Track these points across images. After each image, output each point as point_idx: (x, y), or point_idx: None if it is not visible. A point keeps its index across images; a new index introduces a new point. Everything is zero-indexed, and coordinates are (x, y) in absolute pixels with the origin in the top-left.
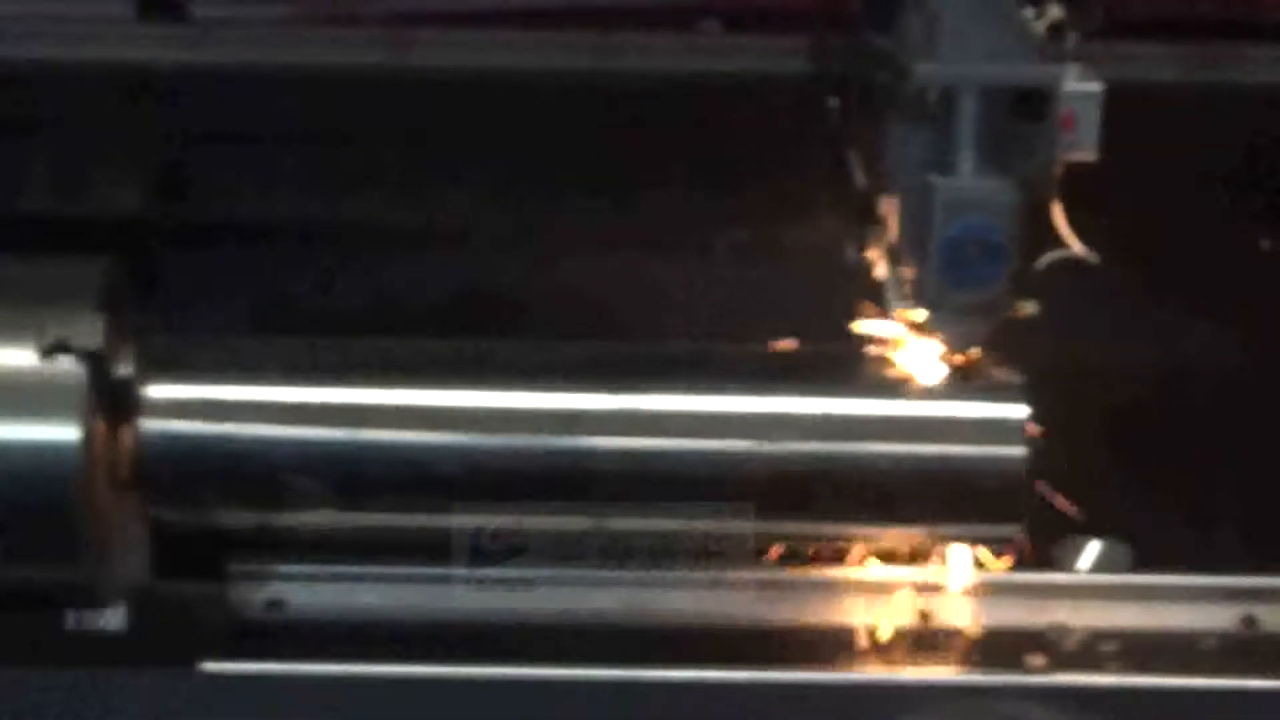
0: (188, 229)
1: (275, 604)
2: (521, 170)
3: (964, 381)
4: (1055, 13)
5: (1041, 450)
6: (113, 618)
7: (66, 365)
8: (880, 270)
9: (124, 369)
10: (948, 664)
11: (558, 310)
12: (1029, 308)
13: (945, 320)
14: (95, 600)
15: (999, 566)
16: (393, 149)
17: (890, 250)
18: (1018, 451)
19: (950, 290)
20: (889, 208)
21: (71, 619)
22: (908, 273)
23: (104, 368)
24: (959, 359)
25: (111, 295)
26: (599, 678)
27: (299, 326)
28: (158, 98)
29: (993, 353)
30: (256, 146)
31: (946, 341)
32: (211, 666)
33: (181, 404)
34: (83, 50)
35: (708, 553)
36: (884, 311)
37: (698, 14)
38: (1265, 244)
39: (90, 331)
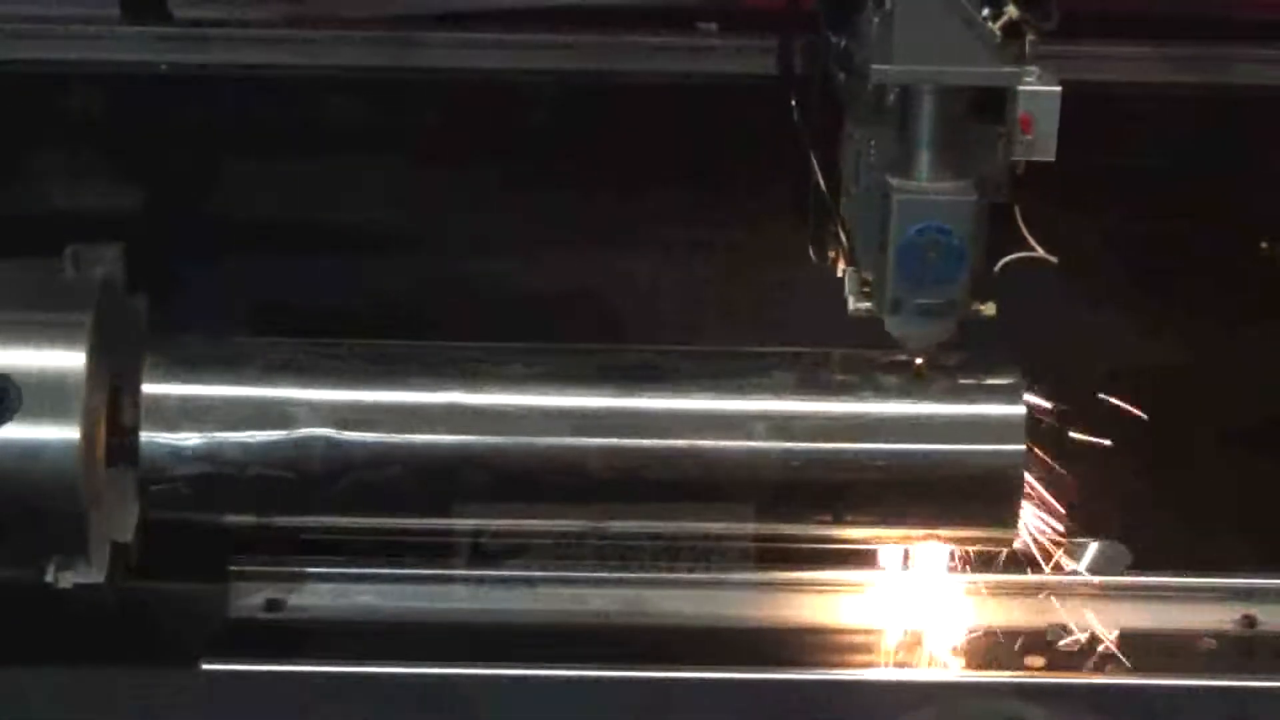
0: (182, 229)
1: (275, 604)
2: (521, 170)
3: (963, 381)
4: (1012, 13)
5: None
6: (95, 572)
7: (67, 365)
8: (840, 271)
9: (124, 368)
10: (948, 664)
11: (557, 310)
12: (989, 309)
13: (905, 322)
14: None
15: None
16: (392, 149)
17: (850, 252)
18: (1016, 451)
19: (909, 292)
20: (849, 209)
21: (50, 574)
22: (867, 274)
23: (104, 367)
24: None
25: (111, 295)
26: (599, 678)
27: (298, 327)
28: (157, 99)
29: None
30: (254, 147)
31: (906, 343)
32: (211, 666)
33: (181, 403)
34: (73, 51)
35: (708, 553)
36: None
37: (698, 14)
38: (1264, 244)
39: (86, 330)
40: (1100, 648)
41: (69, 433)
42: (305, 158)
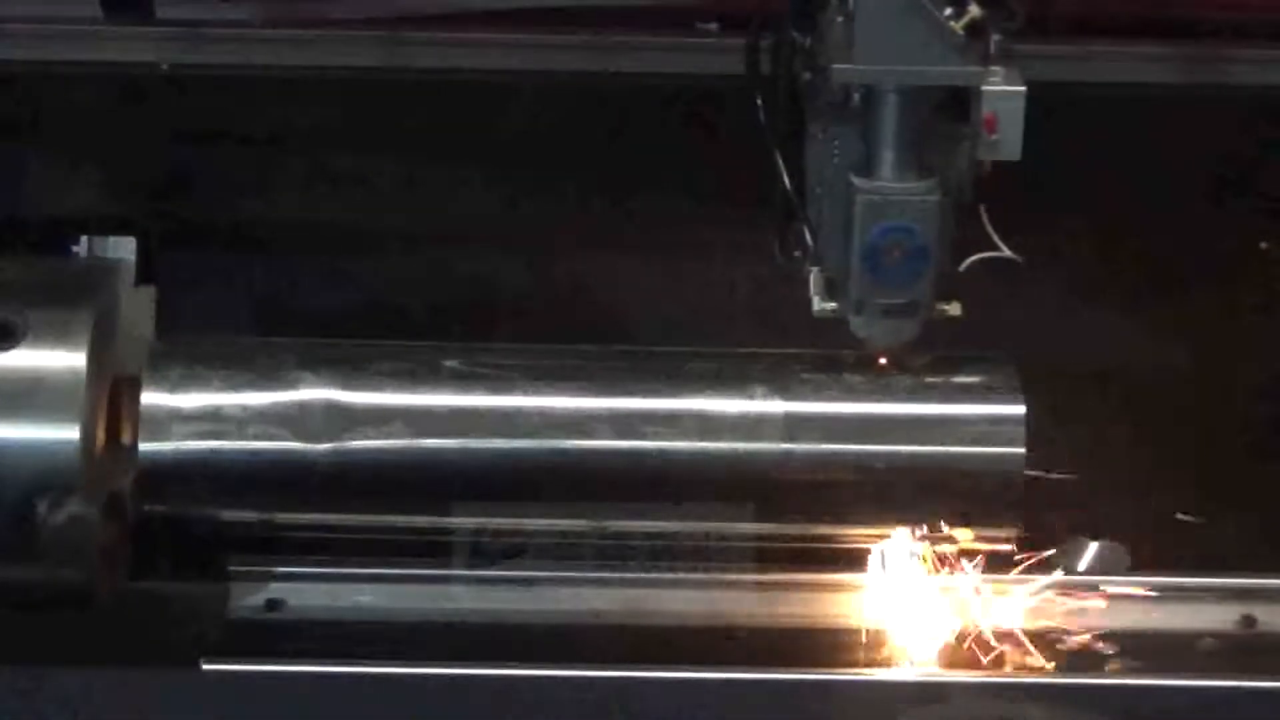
0: (182, 229)
1: (275, 604)
2: (521, 170)
3: (963, 380)
4: (975, 12)
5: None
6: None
7: (66, 365)
8: (806, 271)
9: (130, 361)
10: (948, 664)
11: (557, 310)
12: (954, 309)
13: (869, 322)
14: (92, 598)
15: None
16: (391, 149)
17: (815, 251)
18: (1017, 451)
19: (873, 292)
20: (813, 209)
21: (42, 510)
22: (832, 274)
23: (102, 368)
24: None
25: (117, 289)
26: (599, 678)
27: (297, 326)
28: (152, 99)
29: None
30: (253, 147)
31: (871, 343)
32: (211, 666)
33: (180, 403)
34: (77, 51)
35: (708, 553)
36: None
37: (697, 14)
38: (1264, 244)
39: (83, 331)
40: (1100, 648)
41: (69, 431)
42: (304, 158)
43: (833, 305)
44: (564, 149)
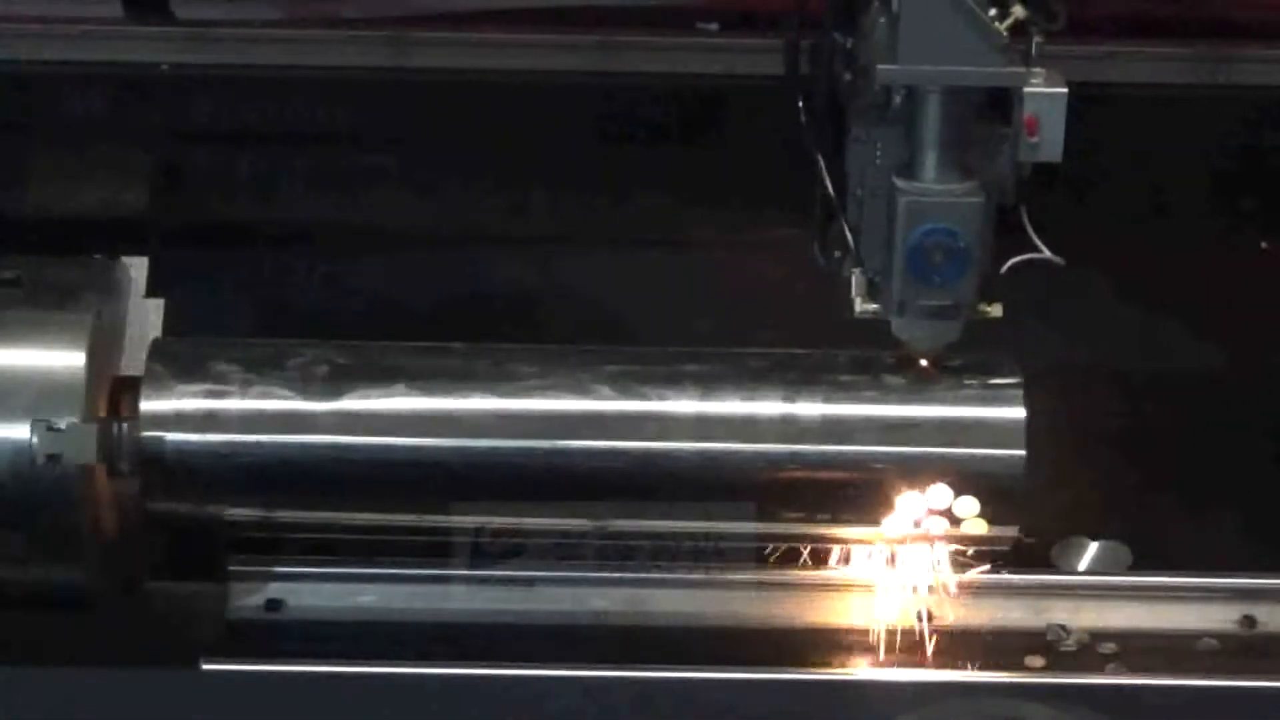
0: (184, 228)
1: (275, 604)
2: (522, 170)
3: (963, 383)
4: (1018, 13)
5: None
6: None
7: (67, 364)
8: (846, 273)
9: (124, 368)
10: (948, 664)
11: (559, 310)
12: (995, 310)
13: (911, 324)
14: (93, 600)
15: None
16: (392, 149)
17: (855, 253)
18: (1017, 453)
19: (915, 294)
20: (854, 210)
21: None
22: (874, 276)
23: (102, 367)
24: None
25: (111, 295)
26: (599, 678)
27: (297, 326)
28: (158, 99)
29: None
30: (256, 147)
31: (912, 345)
32: (211, 666)
33: (181, 404)
34: (74, 51)
35: (708, 553)
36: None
37: (697, 14)
38: (1264, 245)
39: (85, 332)
40: (1100, 648)
41: None
42: (305, 157)
43: (874, 307)
44: (565, 149)
